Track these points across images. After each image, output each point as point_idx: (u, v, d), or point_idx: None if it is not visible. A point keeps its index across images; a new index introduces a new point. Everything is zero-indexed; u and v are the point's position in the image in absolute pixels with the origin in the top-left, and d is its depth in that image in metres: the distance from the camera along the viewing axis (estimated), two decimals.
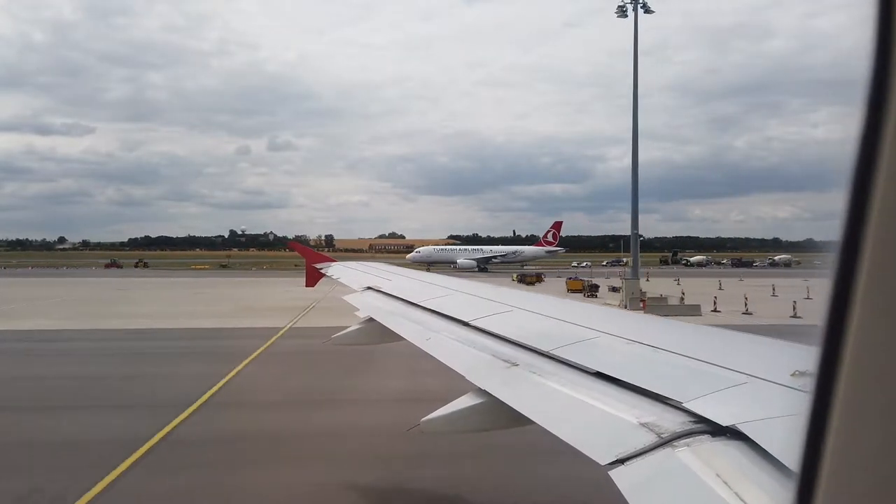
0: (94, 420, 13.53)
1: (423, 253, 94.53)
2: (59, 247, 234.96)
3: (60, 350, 23.07)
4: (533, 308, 5.71)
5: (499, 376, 3.98)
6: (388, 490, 10.13)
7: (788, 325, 28.51)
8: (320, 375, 18.14)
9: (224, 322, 30.52)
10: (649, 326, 5.04)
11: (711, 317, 33.84)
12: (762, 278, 70.77)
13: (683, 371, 3.23)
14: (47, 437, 12.19)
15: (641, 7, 45.67)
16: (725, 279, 67.58)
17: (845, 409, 0.97)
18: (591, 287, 48.94)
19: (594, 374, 3.46)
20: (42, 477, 10.04)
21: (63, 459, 10.93)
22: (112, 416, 13.86)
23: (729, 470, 2.16)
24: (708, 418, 2.54)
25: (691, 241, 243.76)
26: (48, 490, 9.49)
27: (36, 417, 13.92)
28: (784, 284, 55.47)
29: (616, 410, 2.95)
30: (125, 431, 12.34)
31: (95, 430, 12.70)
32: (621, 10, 46.42)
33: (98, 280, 68.12)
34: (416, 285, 9.21)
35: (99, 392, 16.34)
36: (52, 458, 10.95)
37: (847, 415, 0.97)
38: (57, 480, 9.85)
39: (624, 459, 2.47)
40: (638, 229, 45.72)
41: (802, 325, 28.16)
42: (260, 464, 10.69)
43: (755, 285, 56.49)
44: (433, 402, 4.27)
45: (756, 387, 2.76)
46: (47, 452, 11.28)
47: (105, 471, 10.04)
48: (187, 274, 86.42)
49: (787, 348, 3.38)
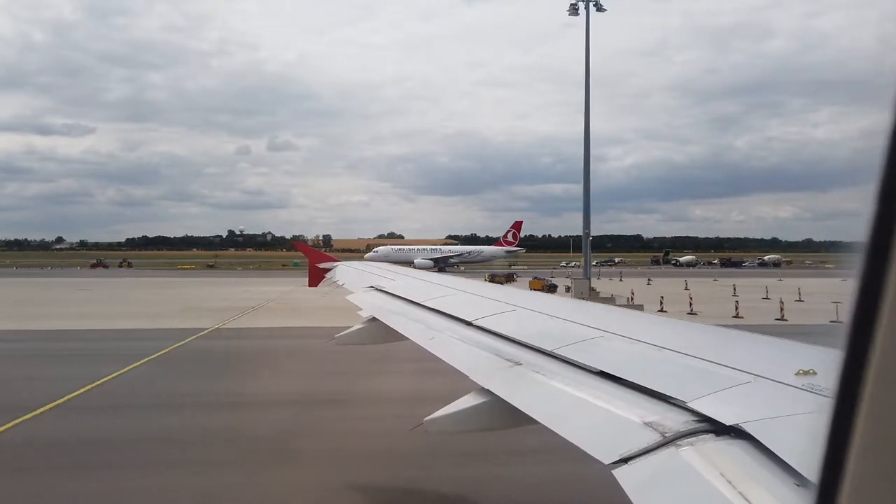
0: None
1: (380, 252, 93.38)
2: (57, 247, 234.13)
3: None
4: (536, 307, 5.72)
5: (502, 376, 3.99)
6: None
7: (724, 326, 28.57)
8: (206, 377, 18.04)
9: (153, 322, 29.85)
10: (653, 326, 5.05)
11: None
12: (747, 278, 71.58)
13: (687, 370, 3.23)
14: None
15: (593, 5, 45.16)
16: (701, 279, 69.23)
17: (871, 413, 0.94)
18: (550, 287, 49.63)
19: (597, 373, 3.47)
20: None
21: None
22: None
23: (733, 469, 2.16)
24: (712, 417, 2.54)
25: (689, 241, 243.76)
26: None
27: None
28: (755, 284, 56.70)
29: (619, 410, 2.95)
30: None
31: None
32: (573, 9, 45.84)
33: (72, 280, 66.90)
34: (420, 285, 9.23)
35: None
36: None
37: (873, 419, 0.95)
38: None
39: (628, 459, 2.47)
40: (590, 229, 45.98)
41: (742, 325, 28.08)
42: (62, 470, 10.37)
43: (726, 285, 56.88)
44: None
45: (760, 386, 2.77)
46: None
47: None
48: (168, 274, 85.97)
49: (791, 347, 3.39)
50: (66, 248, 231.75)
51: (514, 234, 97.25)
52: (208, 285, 59.38)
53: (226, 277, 75.90)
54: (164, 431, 12.64)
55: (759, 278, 69.98)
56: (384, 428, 12.47)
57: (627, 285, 55.65)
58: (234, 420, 13.55)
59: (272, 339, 25.78)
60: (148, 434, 12.47)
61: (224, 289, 53.76)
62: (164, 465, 10.75)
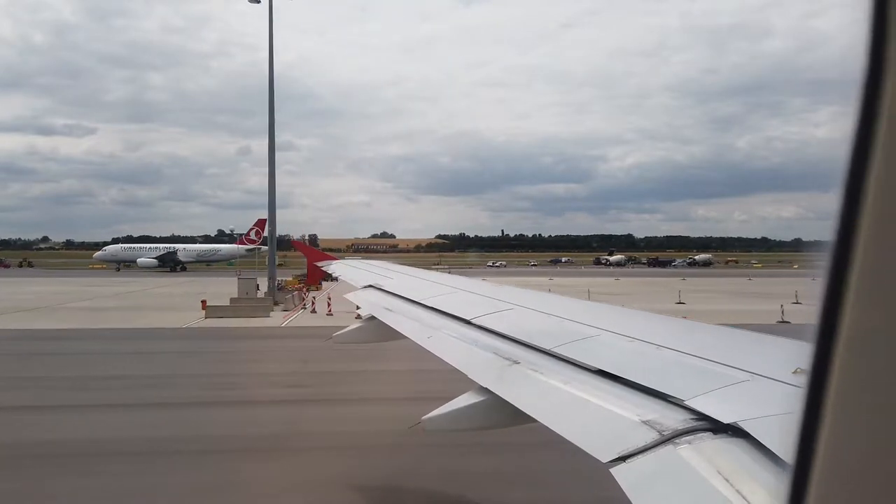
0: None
1: (109, 251, 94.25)
2: (41, 246, 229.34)
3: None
4: (535, 306, 5.72)
5: (500, 374, 3.99)
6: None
7: None
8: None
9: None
10: (651, 324, 5.05)
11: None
12: (665, 277, 76.34)
13: (685, 368, 3.23)
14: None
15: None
16: (605, 278, 74.22)
17: (837, 407, 0.98)
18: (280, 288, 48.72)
19: (596, 371, 3.47)
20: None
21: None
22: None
23: (731, 467, 2.16)
24: (710, 416, 2.54)
25: (678, 241, 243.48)
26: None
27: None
28: (656, 283, 60.37)
29: (617, 408, 2.95)
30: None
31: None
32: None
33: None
34: (418, 283, 9.22)
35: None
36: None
37: (839, 412, 0.98)
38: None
39: (625, 457, 2.48)
40: (275, 227, 45.82)
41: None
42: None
43: (571, 284, 59.56)
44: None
45: (758, 384, 2.77)
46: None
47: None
48: (66, 274, 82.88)
49: (789, 345, 3.38)
50: (48, 248, 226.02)
51: (256, 232, 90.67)
52: (57, 284, 59.26)
53: (135, 277, 73.59)
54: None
55: (670, 278, 74.34)
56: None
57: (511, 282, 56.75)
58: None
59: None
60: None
61: (62, 287, 53.92)
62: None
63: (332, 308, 34.70)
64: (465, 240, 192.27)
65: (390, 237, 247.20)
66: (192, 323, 31.69)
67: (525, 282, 53.43)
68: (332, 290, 41.57)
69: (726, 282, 68.42)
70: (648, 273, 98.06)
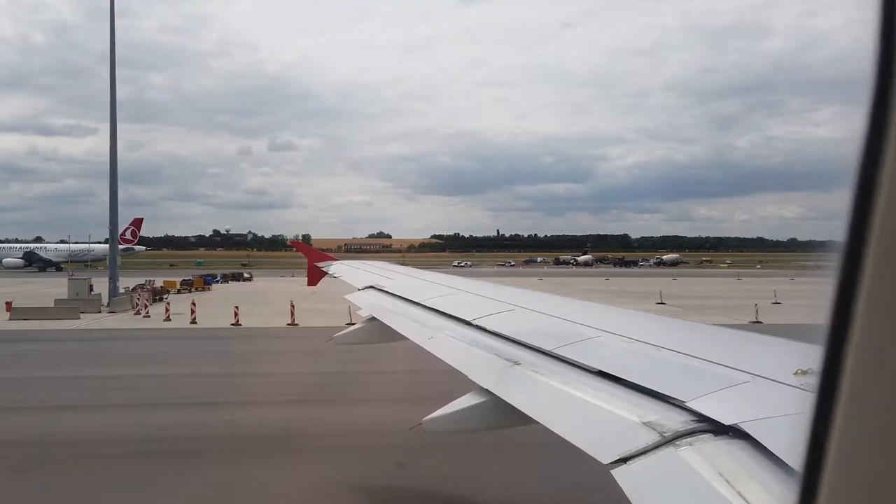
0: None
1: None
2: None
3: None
4: (535, 307, 5.71)
5: (500, 375, 3.98)
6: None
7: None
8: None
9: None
10: (652, 325, 5.03)
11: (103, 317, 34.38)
12: (631, 278, 75.66)
13: (686, 370, 3.22)
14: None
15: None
16: (565, 278, 73.81)
17: (848, 408, 0.96)
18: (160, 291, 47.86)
19: (596, 372, 3.46)
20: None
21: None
22: None
23: (732, 469, 2.15)
24: (711, 417, 2.53)
25: (674, 241, 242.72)
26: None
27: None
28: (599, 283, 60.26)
29: (618, 409, 2.94)
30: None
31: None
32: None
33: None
34: (418, 284, 9.20)
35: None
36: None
37: (850, 414, 0.97)
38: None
39: (626, 458, 2.47)
40: (116, 226, 45.65)
41: None
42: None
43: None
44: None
45: (759, 386, 2.76)
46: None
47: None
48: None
49: (789, 347, 3.37)
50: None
51: (132, 232, 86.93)
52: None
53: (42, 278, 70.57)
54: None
55: (596, 278, 74.30)
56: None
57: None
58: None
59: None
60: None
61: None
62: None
63: (170, 313, 33.84)
64: (459, 240, 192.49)
65: (386, 237, 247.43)
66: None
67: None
68: (211, 295, 40.52)
69: (650, 281, 64.45)
70: (596, 273, 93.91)
